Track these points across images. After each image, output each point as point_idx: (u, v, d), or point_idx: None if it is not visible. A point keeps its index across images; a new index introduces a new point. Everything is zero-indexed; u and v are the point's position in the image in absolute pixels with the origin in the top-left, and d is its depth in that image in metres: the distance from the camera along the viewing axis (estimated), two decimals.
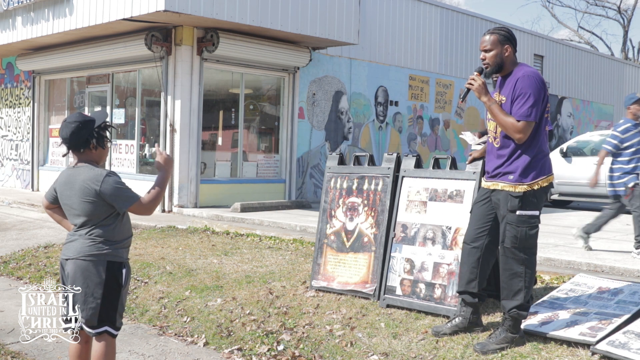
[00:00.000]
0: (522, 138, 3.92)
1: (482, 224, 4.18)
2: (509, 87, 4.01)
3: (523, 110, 3.88)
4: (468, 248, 4.24)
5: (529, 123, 3.89)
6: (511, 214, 3.98)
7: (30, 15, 12.63)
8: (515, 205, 3.96)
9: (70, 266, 3.34)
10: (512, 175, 3.99)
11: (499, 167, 4.07)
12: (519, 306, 4.00)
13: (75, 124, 3.34)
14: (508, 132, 3.95)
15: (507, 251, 4.01)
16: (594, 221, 7.37)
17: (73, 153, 3.43)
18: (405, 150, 15.25)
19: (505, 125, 3.94)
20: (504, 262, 4.04)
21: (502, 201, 4.03)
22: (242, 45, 11.46)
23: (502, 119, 3.94)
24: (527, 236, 3.97)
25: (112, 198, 3.28)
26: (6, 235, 9.13)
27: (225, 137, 12.63)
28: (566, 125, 21.25)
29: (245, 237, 8.32)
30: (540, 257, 6.60)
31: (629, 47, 38.70)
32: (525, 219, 3.97)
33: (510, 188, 3.99)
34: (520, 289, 3.99)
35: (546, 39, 21.02)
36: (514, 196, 3.97)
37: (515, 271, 4.00)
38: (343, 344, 4.45)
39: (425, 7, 15.78)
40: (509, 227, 3.98)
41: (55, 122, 14.92)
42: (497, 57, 4.04)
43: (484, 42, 4.08)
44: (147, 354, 4.60)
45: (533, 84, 3.91)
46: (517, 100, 3.92)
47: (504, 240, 4.01)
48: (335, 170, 5.83)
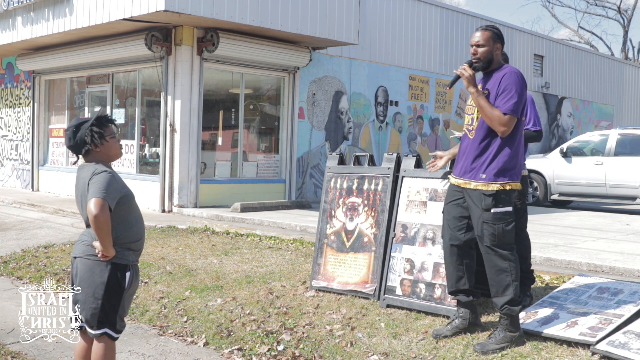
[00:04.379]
0: (506, 131, 3.98)
1: (459, 222, 4.25)
2: (493, 82, 4.08)
3: (509, 104, 3.95)
4: (449, 248, 4.31)
5: (513, 118, 3.96)
6: (486, 212, 4.03)
7: (30, 15, 12.63)
8: (489, 204, 4.03)
9: (77, 265, 3.38)
10: (485, 174, 4.04)
11: (474, 162, 4.10)
12: (510, 301, 4.02)
13: (71, 129, 3.42)
14: (493, 124, 3.99)
15: (487, 249, 4.07)
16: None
17: (83, 157, 3.46)
18: (405, 150, 15.24)
19: (491, 118, 3.98)
20: (487, 260, 4.09)
21: (475, 200, 4.09)
22: (242, 45, 11.46)
23: (489, 110, 3.99)
24: (505, 232, 4.03)
25: (89, 187, 3.25)
26: (6, 235, 9.13)
27: (225, 137, 12.62)
28: (566, 125, 21.25)
29: (245, 237, 8.32)
30: (540, 257, 6.61)
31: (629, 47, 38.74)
32: (500, 216, 4.03)
33: (484, 187, 4.04)
34: (508, 283, 4.02)
35: (546, 39, 21.02)
36: (487, 195, 4.03)
37: (500, 267, 4.04)
38: (343, 344, 4.45)
39: (425, 7, 15.78)
40: (486, 226, 4.04)
41: (55, 122, 14.92)
42: (489, 54, 4.11)
43: (476, 37, 4.14)
44: (147, 354, 4.60)
45: (519, 82, 4.00)
46: (502, 95, 3.99)
47: (483, 239, 4.07)
48: (335, 170, 5.83)
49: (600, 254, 6.96)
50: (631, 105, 25.21)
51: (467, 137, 4.19)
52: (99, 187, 3.21)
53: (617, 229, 9.23)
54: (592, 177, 12.74)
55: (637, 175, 12.15)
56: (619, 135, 12.78)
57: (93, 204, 3.17)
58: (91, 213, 3.15)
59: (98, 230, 3.18)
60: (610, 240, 8.14)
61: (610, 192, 12.53)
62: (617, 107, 24.03)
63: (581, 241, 7.94)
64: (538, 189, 13.67)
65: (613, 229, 9.25)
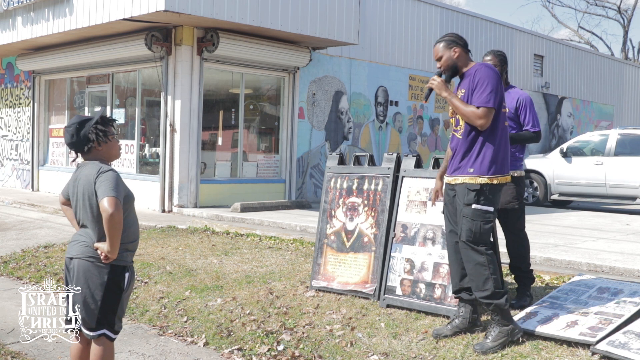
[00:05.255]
0: (484, 124, 4.06)
1: (457, 220, 4.28)
2: (467, 80, 4.22)
3: (482, 97, 4.07)
4: (453, 246, 4.34)
5: (490, 109, 4.06)
6: (467, 207, 4.09)
7: (30, 15, 12.63)
8: (471, 199, 4.08)
9: (74, 266, 3.35)
10: (473, 168, 4.11)
11: (463, 159, 4.17)
12: (492, 295, 4.04)
13: (74, 126, 3.38)
14: (470, 120, 4.09)
15: (464, 244, 4.12)
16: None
17: (81, 155, 3.43)
18: (405, 150, 15.24)
19: (467, 115, 4.10)
20: (465, 255, 4.15)
21: (459, 195, 4.16)
22: (242, 45, 11.46)
23: (463, 109, 4.12)
24: (482, 230, 4.08)
25: (97, 185, 3.23)
26: (6, 235, 9.13)
27: (225, 137, 12.62)
28: (566, 125, 21.24)
29: (245, 237, 8.32)
30: (540, 257, 6.61)
31: (629, 47, 38.73)
32: (480, 212, 4.07)
33: (470, 180, 4.10)
34: (487, 277, 4.05)
35: (546, 39, 21.02)
36: (471, 189, 4.09)
37: (477, 261, 4.08)
38: (343, 344, 4.45)
39: (425, 7, 15.78)
40: (465, 221, 4.10)
41: (55, 122, 14.92)
42: (449, 60, 4.30)
43: (435, 52, 4.37)
44: (147, 354, 4.60)
45: (490, 74, 4.12)
46: (475, 90, 4.11)
47: (461, 234, 4.13)
48: (335, 170, 5.83)
49: (600, 254, 6.96)
50: (631, 105, 25.21)
51: (456, 138, 4.28)
52: (111, 186, 3.20)
53: (617, 229, 9.23)
54: (592, 177, 12.74)
55: (637, 175, 12.15)
56: (619, 135, 12.78)
57: (108, 202, 3.14)
58: (107, 212, 3.12)
59: (112, 230, 3.16)
60: (610, 240, 8.13)
61: (610, 192, 12.53)
62: (617, 107, 24.02)
63: (581, 241, 7.94)
64: (538, 189, 13.66)
65: (613, 229, 9.25)
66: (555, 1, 70.33)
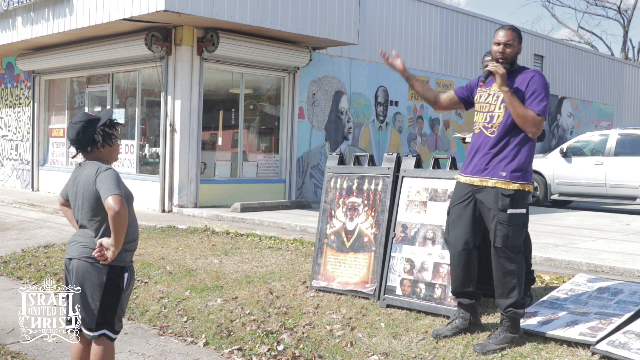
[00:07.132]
0: (536, 132, 3.97)
1: (470, 225, 4.15)
2: (517, 83, 4.04)
3: (541, 106, 3.95)
4: (458, 251, 4.19)
5: (543, 119, 3.97)
6: (502, 213, 3.96)
7: (30, 15, 12.63)
8: (507, 204, 3.96)
9: (73, 266, 3.35)
10: (505, 172, 3.99)
11: (491, 160, 4.04)
12: (514, 304, 4.00)
13: (81, 123, 3.35)
14: (525, 124, 3.94)
15: (498, 251, 4.00)
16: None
17: (82, 153, 3.42)
18: (405, 150, 15.24)
19: (524, 118, 3.93)
20: (496, 261, 4.03)
21: (491, 200, 4.01)
22: (242, 45, 11.46)
23: (523, 110, 3.94)
24: (517, 234, 3.99)
25: (99, 185, 3.22)
26: (6, 235, 9.13)
27: (225, 137, 12.62)
28: (566, 125, 21.24)
29: (245, 237, 8.32)
30: (540, 257, 6.61)
31: (629, 47, 38.73)
32: (516, 217, 3.98)
33: (503, 185, 3.98)
34: (514, 286, 4.00)
35: (546, 39, 21.02)
36: (506, 195, 3.96)
37: (508, 269, 4.00)
38: (343, 344, 4.45)
39: (425, 7, 15.78)
40: (500, 227, 3.97)
41: (55, 122, 14.92)
42: (513, 54, 4.10)
43: (506, 36, 4.08)
44: (147, 354, 4.60)
45: (547, 85, 4.03)
46: (533, 96, 3.97)
47: (495, 240, 4.00)
48: (335, 170, 5.83)
49: (600, 254, 6.96)
50: (631, 105, 25.20)
51: (484, 135, 4.10)
52: (113, 184, 3.19)
53: (617, 229, 9.23)
54: (592, 177, 12.74)
55: (637, 175, 12.15)
56: (619, 135, 12.78)
57: (113, 200, 3.13)
58: (113, 209, 3.11)
59: (118, 227, 3.15)
60: (610, 240, 8.13)
61: (610, 192, 12.53)
62: (617, 107, 24.01)
63: (581, 241, 7.94)
64: (538, 189, 13.67)
65: (613, 229, 9.25)
66: (555, 1, 70.34)
